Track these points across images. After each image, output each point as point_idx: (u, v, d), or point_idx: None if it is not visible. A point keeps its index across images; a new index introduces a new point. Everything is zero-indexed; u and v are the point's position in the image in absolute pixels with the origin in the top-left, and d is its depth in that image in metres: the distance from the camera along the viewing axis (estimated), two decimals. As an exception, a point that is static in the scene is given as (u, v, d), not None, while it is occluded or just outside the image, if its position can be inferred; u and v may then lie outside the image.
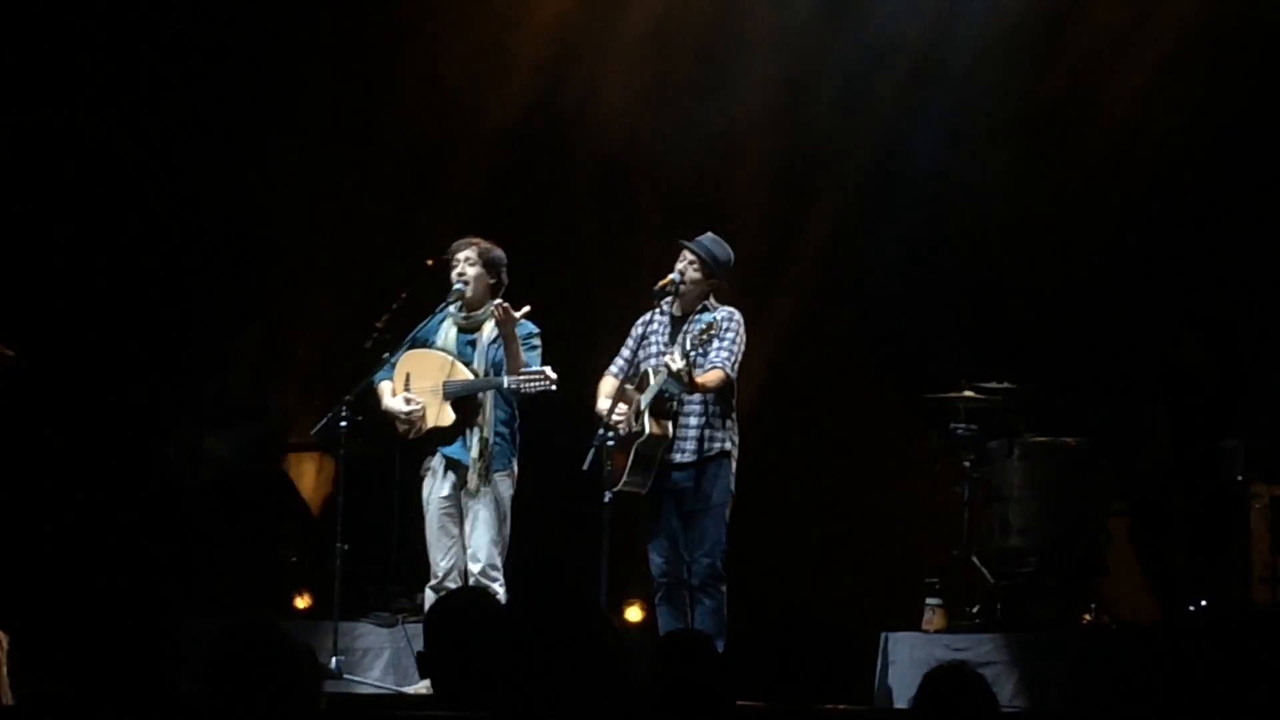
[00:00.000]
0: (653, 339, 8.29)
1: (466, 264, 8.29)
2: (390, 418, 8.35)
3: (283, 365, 10.92)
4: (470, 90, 10.67)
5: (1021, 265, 9.94)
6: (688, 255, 8.23)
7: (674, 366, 7.86)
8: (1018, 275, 9.95)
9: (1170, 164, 9.79)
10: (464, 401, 8.19)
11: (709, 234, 8.32)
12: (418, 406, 8.24)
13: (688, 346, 7.93)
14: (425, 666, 4.59)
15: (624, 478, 8.03)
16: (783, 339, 9.89)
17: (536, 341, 8.25)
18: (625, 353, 8.38)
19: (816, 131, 10.44)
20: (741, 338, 8.17)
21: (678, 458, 8.11)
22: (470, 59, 10.65)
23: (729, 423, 8.16)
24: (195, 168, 10.47)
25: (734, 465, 8.15)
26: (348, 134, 10.76)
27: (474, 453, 8.14)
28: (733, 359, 8.11)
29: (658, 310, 8.31)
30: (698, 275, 8.21)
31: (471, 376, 8.20)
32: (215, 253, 10.59)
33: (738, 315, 8.21)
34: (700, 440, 8.09)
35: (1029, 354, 9.60)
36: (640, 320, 8.37)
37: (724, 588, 8.05)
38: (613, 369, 8.39)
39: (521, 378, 8.02)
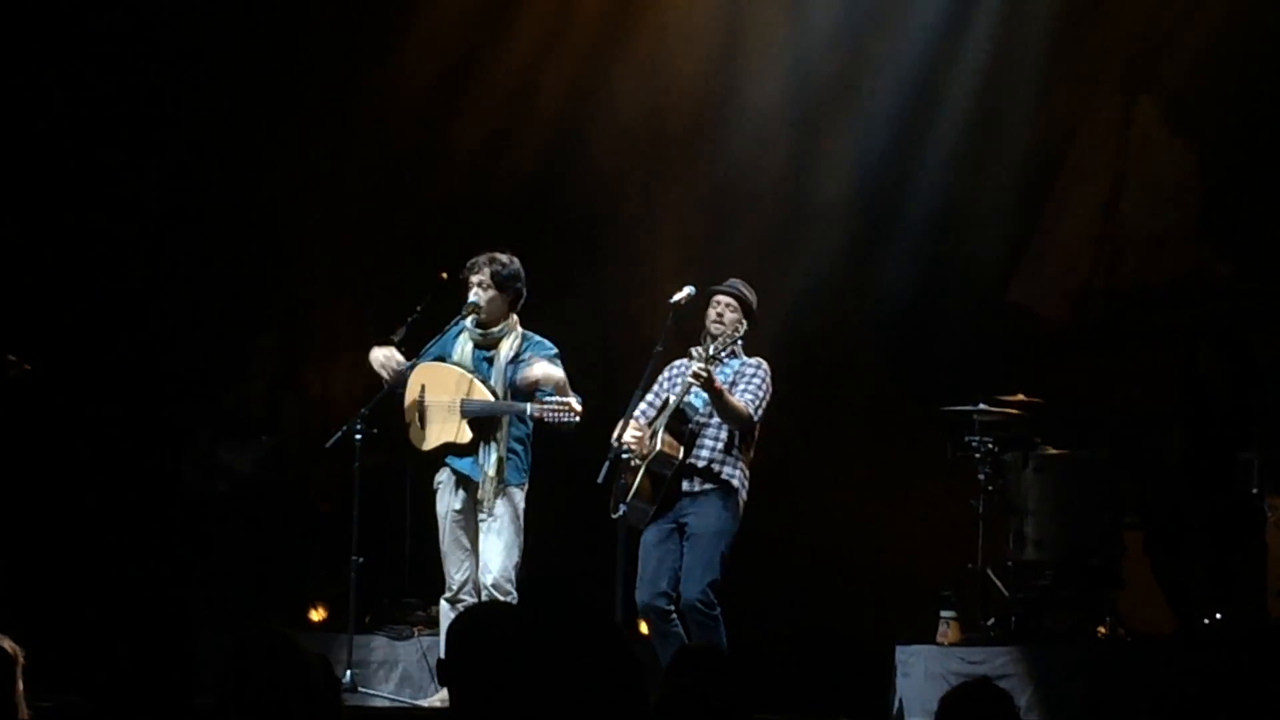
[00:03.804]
0: (678, 379, 8.15)
1: (479, 286, 8.20)
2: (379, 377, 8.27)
3: (298, 378, 10.93)
4: (493, 106, 10.68)
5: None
6: (722, 299, 8.14)
7: (695, 367, 7.80)
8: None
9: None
10: (483, 420, 8.13)
11: (732, 279, 8.25)
12: (396, 364, 8.17)
13: (710, 352, 7.90)
14: (444, 675, 4.59)
15: (629, 498, 7.94)
16: (798, 351, 9.86)
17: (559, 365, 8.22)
18: (650, 397, 8.22)
19: (830, 149, 10.44)
20: (768, 386, 8.07)
21: (685, 485, 8.00)
22: (494, 76, 10.68)
23: (741, 463, 8.04)
24: (208, 180, 10.48)
25: (740, 503, 8.01)
26: (365, 145, 10.77)
27: (490, 470, 8.08)
28: (758, 402, 8.03)
29: (687, 358, 8.15)
30: (736, 315, 8.11)
31: (490, 396, 8.11)
32: (229, 265, 10.60)
33: (765, 365, 8.13)
34: (708, 471, 7.99)
35: (1044, 367, 9.58)
36: (668, 365, 8.24)
37: (717, 613, 7.85)
38: (636, 414, 8.13)
39: (546, 407, 7.95)
